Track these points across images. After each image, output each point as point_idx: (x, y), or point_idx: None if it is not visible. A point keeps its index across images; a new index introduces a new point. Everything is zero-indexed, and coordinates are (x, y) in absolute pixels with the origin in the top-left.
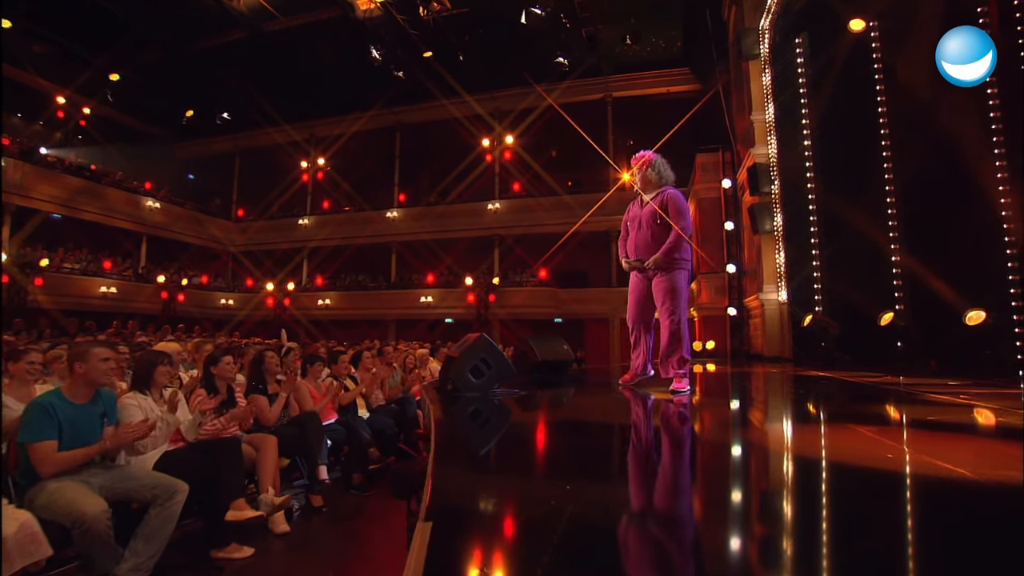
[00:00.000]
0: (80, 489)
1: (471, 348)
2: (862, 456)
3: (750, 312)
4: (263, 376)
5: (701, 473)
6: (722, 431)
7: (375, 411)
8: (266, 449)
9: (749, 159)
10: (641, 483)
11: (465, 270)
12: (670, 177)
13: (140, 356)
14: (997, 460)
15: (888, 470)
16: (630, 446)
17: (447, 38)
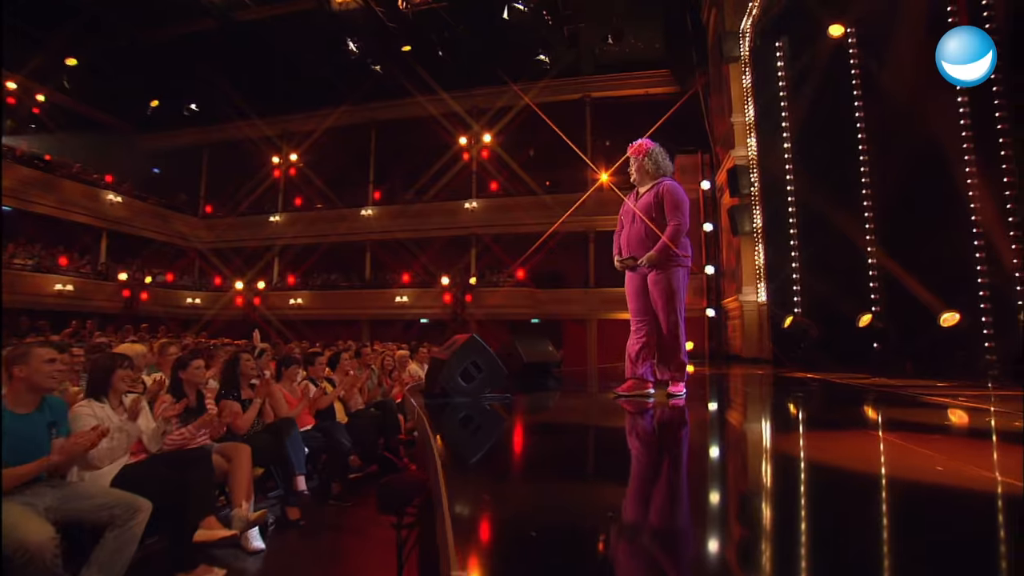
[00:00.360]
0: (22, 513)
1: (461, 350)
2: (911, 470)
3: (728, 313)
4: (237, 380)
5: (753, 498)
6: (749, 444)
7: (354, 416)
8: (239, 459)
9: (729, 161)
10: (686, 508)
11: (441, 270)
12: (668, 168)
13: (96, 359)
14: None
15: (951, 486)
16: (660, 464)
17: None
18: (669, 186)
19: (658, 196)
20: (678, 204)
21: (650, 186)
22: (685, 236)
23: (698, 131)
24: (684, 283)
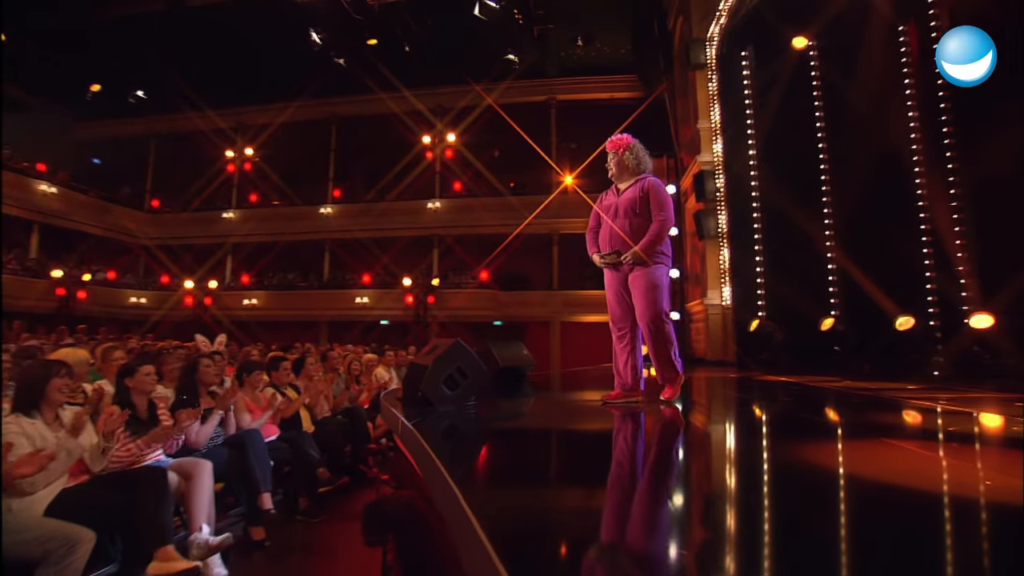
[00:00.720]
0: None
1: (446, 356)
2: (956, 485)
3: (692, 316)
4: (195, 388)
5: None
6: (772, 452)
7: (321, 424)
8: (198, 477)
9: (695, 166)
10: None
11: (403, 270)
12: (648, 164)
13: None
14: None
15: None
16: (687, 483)
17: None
18: (654, 183)
19: (643, 192)
20: (664, 201)
21: (632, 182)
22: (668, 234)
23: (664, 136)
24: (667, 281)
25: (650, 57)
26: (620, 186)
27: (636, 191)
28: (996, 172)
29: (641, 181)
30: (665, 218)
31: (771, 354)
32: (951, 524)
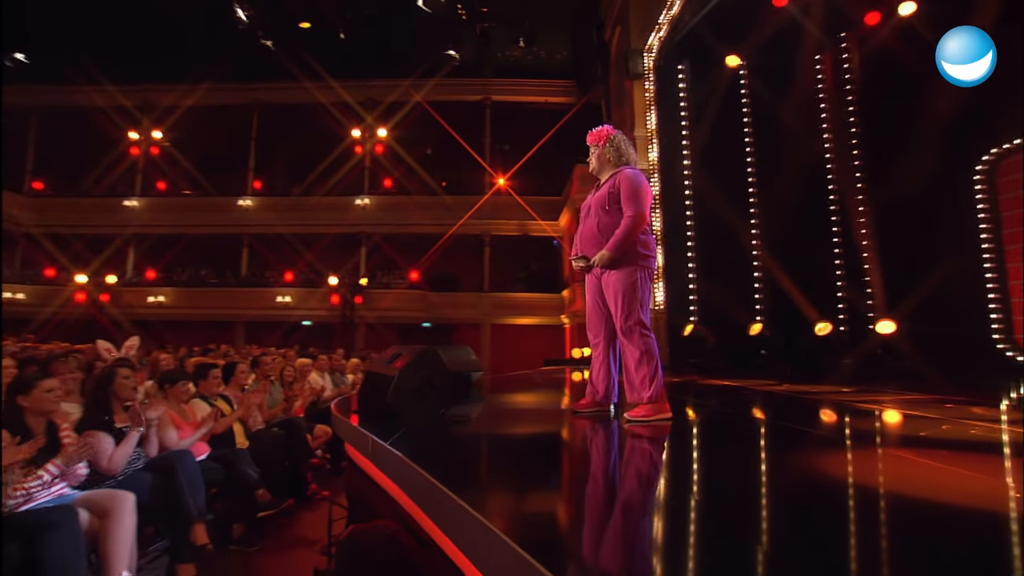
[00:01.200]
0: None
1: (415, 364)
2: (969, 495)
3: None
4: (109, 403)
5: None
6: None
7: (256, 438)
8: (118, 513)
9: None
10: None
11: (329, 269)
12: (631, 156)
13: None
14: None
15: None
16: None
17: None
18: (628, 174)
19: (615, 186)
20: (636, 193)
21: (609, 175)
22: (648, 233)
23: None
24: (646, 285)
25: (588, 64)
26: (600, 181)
27: (610, 185)
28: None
29: (616, 174)
30: (635, 214)
31: (703, 358)
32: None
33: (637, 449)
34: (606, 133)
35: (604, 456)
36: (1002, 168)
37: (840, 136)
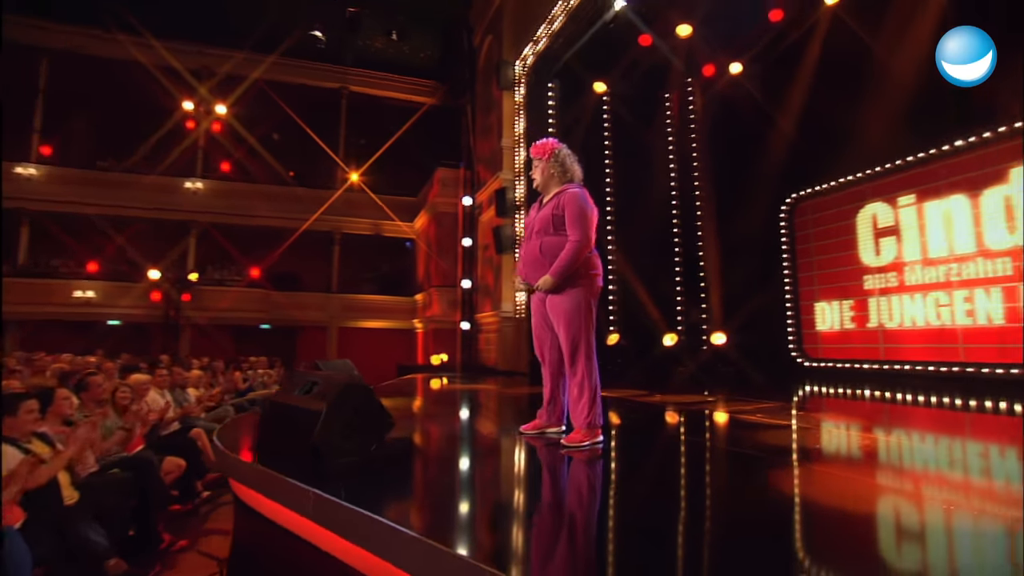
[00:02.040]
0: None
1: (343, 396)
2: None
3: (481, 326)
4: None
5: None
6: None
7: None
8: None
9: (496, 182)
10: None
11: (148, 260)
12: (577, 173)
13: None
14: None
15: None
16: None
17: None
18: (573, 194)
19: (559, 207)
20: (582, 215)
21: (553, 194)
22: (595, 253)
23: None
24: (589, 303)
25: (455, 68)
26: (544, 198)
27: (554, 204)
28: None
29: (561, 194)
30: (579, 238)
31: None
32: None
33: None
34: (551, 147)
35: (582, 491)
36: (798, 211)
37: (683, 170)
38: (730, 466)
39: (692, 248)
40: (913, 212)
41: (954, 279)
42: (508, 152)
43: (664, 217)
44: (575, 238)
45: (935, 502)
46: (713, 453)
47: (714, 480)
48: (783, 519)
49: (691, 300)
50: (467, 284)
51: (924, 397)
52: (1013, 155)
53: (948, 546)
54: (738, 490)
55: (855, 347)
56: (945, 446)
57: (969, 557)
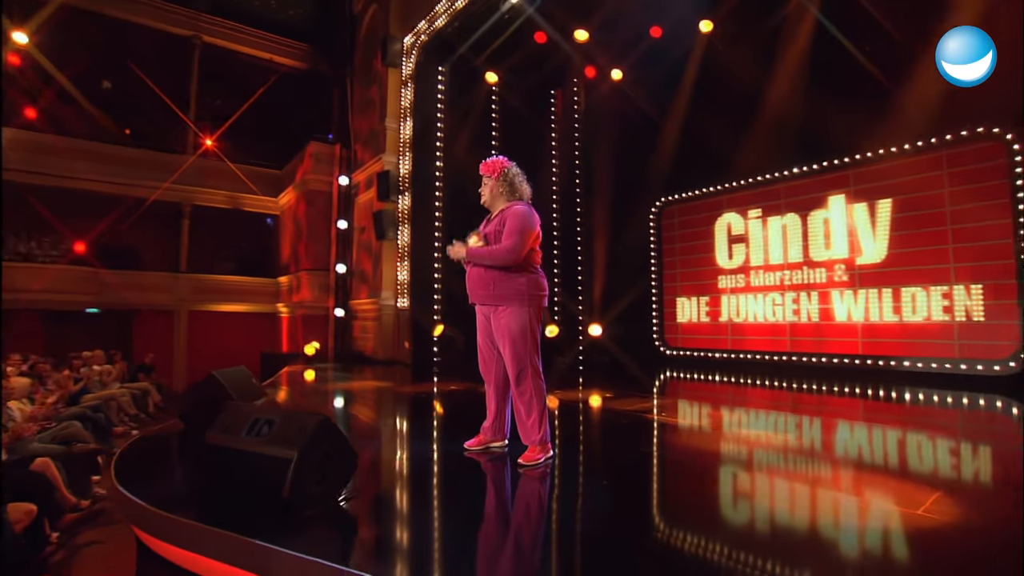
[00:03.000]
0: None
1: (312, 441)
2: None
3: (357, 313)
4: None
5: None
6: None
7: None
8: None
9: (377, 164)
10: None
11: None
12: (525, 192)
13: None
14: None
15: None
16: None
17: None
18: (517, 209)
19: (502, 223)
20: (521, 228)
21: (499, 211)
22: (541, 274)
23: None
24: (536, 326)
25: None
26: (491, 216)
27: (497, 223)
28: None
29: (506, 210)
30: (511, 245)
31: (452, 359)
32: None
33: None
34: (500, 165)
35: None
36: (665, 214)
37: (566, 166)
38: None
39: (571, 243)
40: (759, 224)
41: (786, 283)
42: (392, 133)
43: (546, 211)
44: (508, 243)
45: (763, 462)
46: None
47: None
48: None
49: (569, 293)
50: (342, 269)
51: (760, 380)
52: (833, 185)
53: (770, 492)
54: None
55: (708, 338)
56: (773, 420)
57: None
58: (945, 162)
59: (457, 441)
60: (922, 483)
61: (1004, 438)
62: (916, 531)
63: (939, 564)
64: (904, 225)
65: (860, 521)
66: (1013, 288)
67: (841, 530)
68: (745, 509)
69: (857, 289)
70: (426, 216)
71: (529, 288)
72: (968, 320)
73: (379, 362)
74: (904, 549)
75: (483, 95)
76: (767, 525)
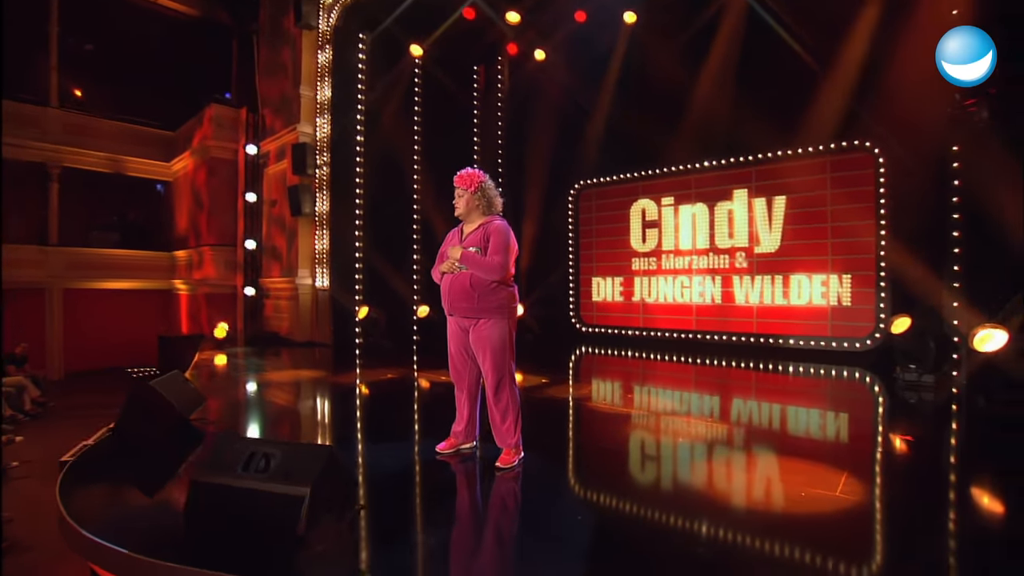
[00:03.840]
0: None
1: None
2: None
3: (269, 292)
4: None
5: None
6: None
7: None
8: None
9: (289, 133)
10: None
11: None
12: (499, 205)
13: None
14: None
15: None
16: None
17: None
18: (499, 225)
19: (484, 238)
20: (506, 245)
21: (477, 225)
22: (515, 286)
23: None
24: (512, 339)
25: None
26: (466, 228)
27: (479, 237)
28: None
29: (487, 224)
30: (501, 262)
31: (376, 339)
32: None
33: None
34: (478, 179)
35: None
36: (583, 196)
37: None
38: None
39: None
40: (671, 212)
41: (694, 267)
42: (307, 101)
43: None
44: (498, 259)
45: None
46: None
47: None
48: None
49: None
50: (251, 245)
51: (669, 356)
52: (738, 180)
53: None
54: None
55: (621, 316)
56: (679, 395)
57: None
58: (829, 167)
59: (425, 444)
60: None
61: (860, 403)
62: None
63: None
64: (795, 220)
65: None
66: (872, 279)
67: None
68: (652, 471)
69: (754, 275)
70: (346, 192)
71: (508, 301)
72: (839, 305)
73: (296, 344)
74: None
75: (407, 67)
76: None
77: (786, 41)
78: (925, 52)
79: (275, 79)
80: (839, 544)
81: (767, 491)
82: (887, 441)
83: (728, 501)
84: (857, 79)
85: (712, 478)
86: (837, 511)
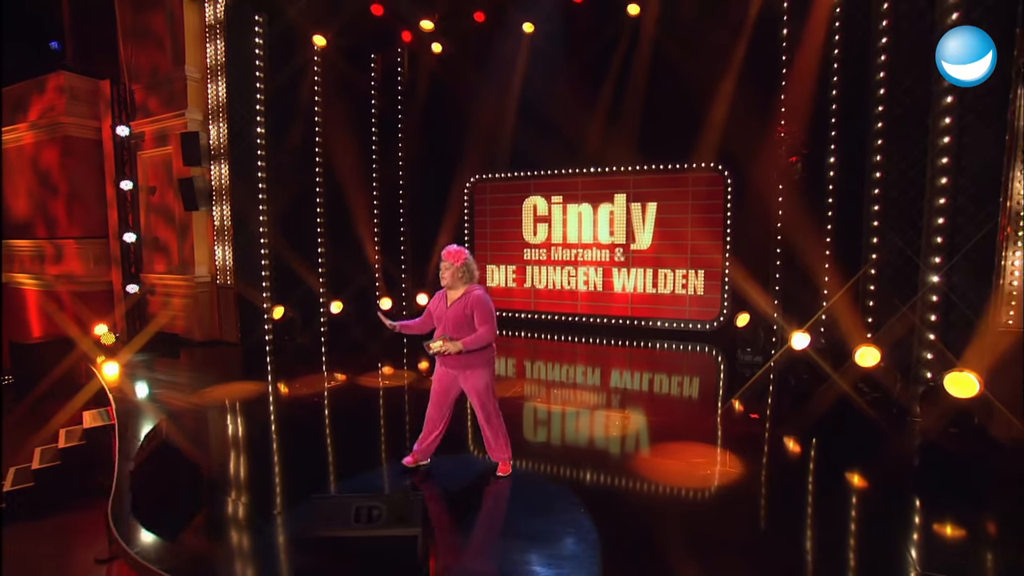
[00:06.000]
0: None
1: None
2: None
3: (154, 288)
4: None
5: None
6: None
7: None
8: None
9: (173, 118)
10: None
11: None
12: (476, 276)
13: None
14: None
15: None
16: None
17: None
18: (479, 297)
19: (468, 308)
20: (490, 314)
21: (460, 294)
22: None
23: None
24: (494, 381)
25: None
26: (450, 295)
27: (462, 307)
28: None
29: (466, 296)
30: (491, 330)
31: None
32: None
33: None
34: (463, 256)
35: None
36: (477, 190)
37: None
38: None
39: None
40: (560, 209)
41: (579, 259)
42: (195, 85)
43: (365, 181)
44: (487, 329)
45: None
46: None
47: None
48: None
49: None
50: (131, 238)
51: (558, 337)
52: (619, 186)
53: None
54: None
55: (515, 300)
56: (569, 370)
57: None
58: (690, 182)
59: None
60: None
61: (706, 372)
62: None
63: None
64: (663, 224)
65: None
66: (719, 274)
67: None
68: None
69: (630, 268)
70: (249, 186)
71: (489, 355)
72: (695, 294)
73: (196, 344)
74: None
75: (306, 55)
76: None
77: (663, 70)
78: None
79: (144, 49)
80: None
81: (636, 442)
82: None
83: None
84: (714, 110)
85: (592, 435)
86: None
